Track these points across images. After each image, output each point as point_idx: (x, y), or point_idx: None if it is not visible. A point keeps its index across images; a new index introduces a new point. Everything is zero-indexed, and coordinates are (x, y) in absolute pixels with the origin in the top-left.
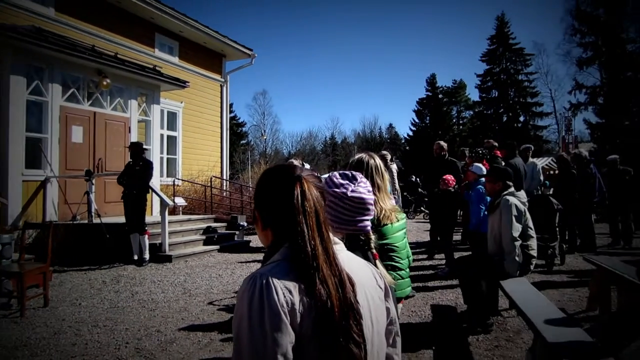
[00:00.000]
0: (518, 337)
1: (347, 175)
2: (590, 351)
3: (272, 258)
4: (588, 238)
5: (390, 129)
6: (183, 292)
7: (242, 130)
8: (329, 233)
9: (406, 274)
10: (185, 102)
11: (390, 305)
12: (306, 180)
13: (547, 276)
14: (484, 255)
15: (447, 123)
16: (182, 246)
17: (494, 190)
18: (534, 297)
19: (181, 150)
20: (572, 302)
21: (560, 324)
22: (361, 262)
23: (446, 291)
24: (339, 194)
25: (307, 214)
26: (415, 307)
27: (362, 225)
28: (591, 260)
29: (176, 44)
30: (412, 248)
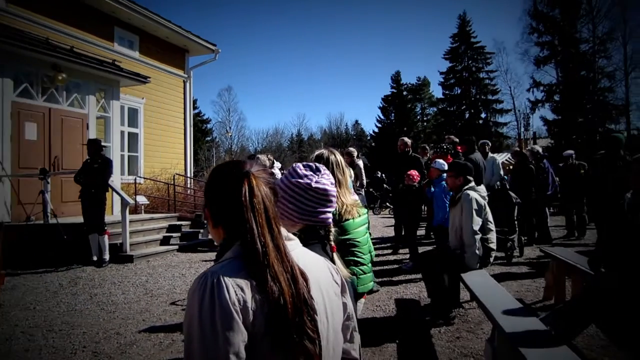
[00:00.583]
0: (479, 328)
1: (311, 166)
2: (544, 339)
3: (225, 256)
4: (543, 230)
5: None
6: (144, 292)
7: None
8: (279, 229)
9: (368, 268)
10: (146, 98)
11: (347, 301)
12: (255, 176)
13: (507, 268)
14: (445, 249)
15: (411, 119)
16: (144, 246)
17: (455, 185)
18: (493, 289)
19: (143, 148)
20: (530, 293)
21: (517, 314)
22: (317, 258)
23: (410, 285)
24: (303, 185)
25: (256, 211)
26: (379, 302)
27: (324, 217)
28: (547, 252)
29: (136, 38)
30: (377, 243)
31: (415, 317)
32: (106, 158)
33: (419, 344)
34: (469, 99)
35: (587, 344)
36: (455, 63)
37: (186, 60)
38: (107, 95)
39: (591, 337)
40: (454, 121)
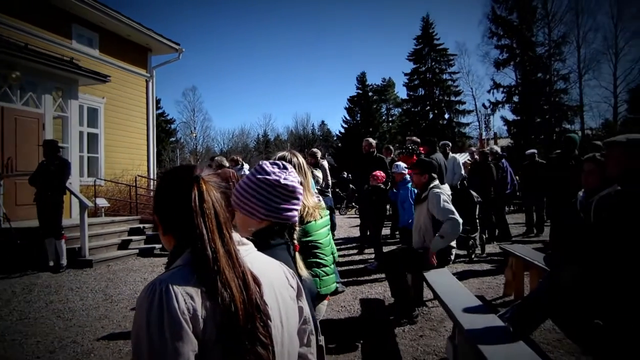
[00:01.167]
0: (441, 326)
1: (278, 164)
2: (501, 336)
3: (174, 263)
4: (502, 228)
5: (322, 126)
6: (104, 298)
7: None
8: (231, 234)
9: (331, 270)
10: (107, 97)
11: (304, 304)
12: (205, 180)
13: (469, 266)
14: (409, 248)
15: (377, 120)
16: (104, 250)
17: (420, 182)
18: (454, 287)
19: (103, 149)
20: (491, 289)
21: (476, 312)
22: (271, 262)
23: (375, 285)
24: (272, 181)
25: (206, 216)
26: (344, 302)
27: (291, 214)
28: (506, 249)
29: (96, 36)
30: (343, 243)
31: (379, 316)
32: (63, 159)
33: (383, 343)
34: (432, 99)
35: (544, 338)
36: (419, 64)
37: (149, 59)
38: (64, 94)
39: (548, 331)
40: (418, 122)
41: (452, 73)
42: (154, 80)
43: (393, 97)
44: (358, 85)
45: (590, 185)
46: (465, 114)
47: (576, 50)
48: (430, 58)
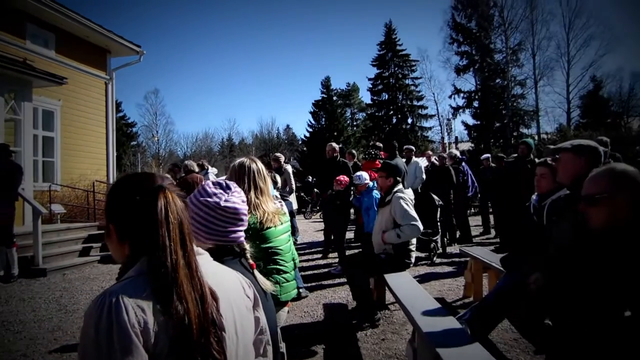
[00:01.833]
0: (403, 329)
1: (221, 184)
2: (459, 338)
3: (127, 274)
4: (463, 230)
5: (287, 130)
6: (58, 308)
7: (132, 130)
8: (192, 245)
9: (291, 276)
10: (64, 99)
11: (260, 315)
12: (170, 190)
13: (431, 268)
14: (370, 252)
15: (341, 124)
16: (60, 258)
17: (385, 185)
18: (414, 290)
19: (60, 153)
20: (452, 291)
21: (435, 314)
22: (228, 273)
23: (339, 289)
24: (212, 204)
25: (171, 226)
26: (307, 307)
27: (235, 236)
28: (465, 251)
29: (52, 36)
30: (307, 248)
31: (342, 321)
32: (15, 164)
33: (345, 348)
34: (396, 104)
35: (501, 338)
36: (383, 70)
37: (108, 61)
38: (17, 96)
39: (505, 331)
40: (382, 126)
41: (414, 78)
42: (113, 82)
43: (357, 102)
44: (323, 90)
45: (543, 189)
46: (428, 119)
47: (531, 57)
48: (393, 63)
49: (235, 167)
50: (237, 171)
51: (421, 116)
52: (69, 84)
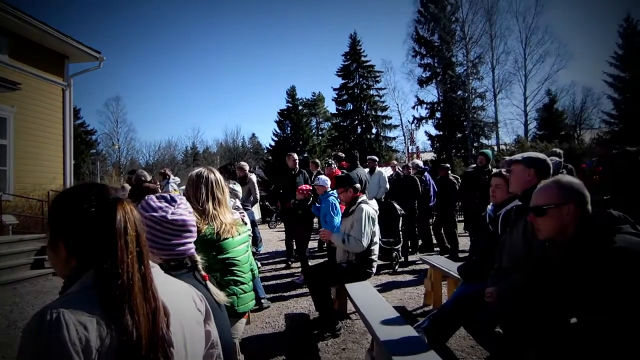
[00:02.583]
0: (364, 338)
1: (166, 197)
2: (416, 346)
3: (72, 288)
4: (426, 240)
5: (253, 139)
6: (7, 325)
7: (92, 138)
8: (149, 259)
9: (249, 287)
10: (18, 106)
11: (211, 328)
12: (127, 201)
13: (392, 277)
14: (332, 262)
15: (307, 134)
16: (10, 271)
17: (348, 198)
18: (374, 300)
19: (13, 161)
20: (412, 300)
21: (393, 323)
22: (179, 286)
23: (301, 299)
24: (158, 218)
25: (129, 238)
26: (269, 318)
27: (184, 248)
28: (425, 260)
29: (5, 40)
30: (271, 257)
31: (303, 331)
32: None
33: (306, 358)
34: (360, 114)
35: (458, 345)
36: (348, 80)
37: (66, 67)
38: None
39: (462, 338)
40: (347, 135)
41: (379, 89)
42: (71, 89)
43: (323, 111)
44: (288, 99)
45: (498, 200)
46: (392, 129)
47: (491, 70)
48: (358, 74)
49: (193, 177)
50: (195, 181)
51: (385, 126)
52: (23, 89)
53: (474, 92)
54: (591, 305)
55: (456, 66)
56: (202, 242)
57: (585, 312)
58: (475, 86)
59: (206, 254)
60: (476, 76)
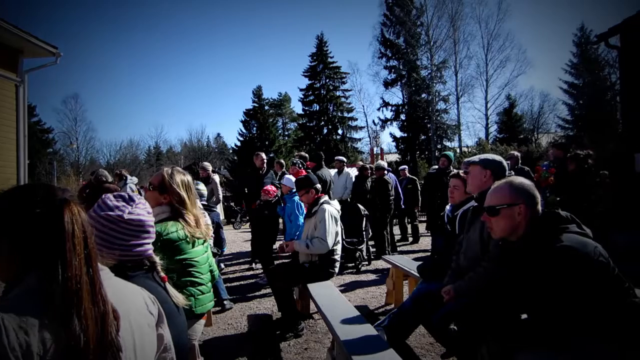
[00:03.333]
0: (326, 338)
1: (123, 196)
2: (375, 344)
3: (13, 292)
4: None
5: (218, 139)
6: None
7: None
8: (97, 261)
9: (207, 288)
10: None
11: (164, 332)
12: (75, 202)
13: (356, 276)
14: (295, 262)
15: (273, 134)
16: None
17: (310, 199)
18: (335, 299)
19: None
20: (375, 299)
21: (354, 322)
22: (131, 289)
23: (264, 300)
24: (114, 218)
25: (77, 241)
26: (231, 320)
27: (142, 249)
28: (386, 259)
29: None
30: (235, 258)
31: (266, 332)
32: None
33: (268, 359)
34: (327, 115)
35: (418, 343)
36: (314, 81)
37: (20, 63)
38: None
39: (422, 335)
40: (313, 136)
41: (345, 90)
42: (26, 85)
43: (289, 112)
44: (254, 99)
45: (456, 200)
46: (358, 130)
47: (454, 74)
48: (324, 75)
49: (160, 177)
50: (161, 182)
51: (351, 127)
52: None
53: (438, 95)
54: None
55: (421, 69)
56: (160, 243)
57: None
58: (439, 89)
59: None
60: (440, 80)
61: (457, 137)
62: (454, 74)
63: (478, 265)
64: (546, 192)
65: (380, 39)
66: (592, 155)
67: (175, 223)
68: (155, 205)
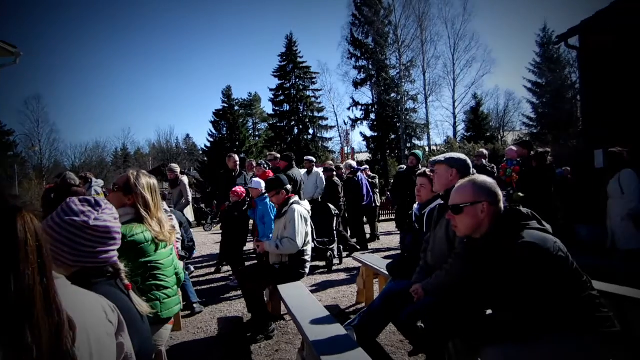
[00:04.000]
0: (297, 339)
1: (90, 201)
2: (344, 344)
3: None
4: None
5: (187, 140)
6: None
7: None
8: (52, 270)
9: (173, 292)
10: None
11: (125, 340)
12: (28, 210)
13: (328, 276)
14: (265, 263)
15: (243, 134)
16: None
17: (280, 200)
18: (306, 300)
19: None
20: (346, 298)
21: (323, 323)
22: (88, 297)
23: (235, 302)
24: (79, 224)
25: (30, 249)
26: (201, 323)
27: (107, 256)
28: (357, 258)
29: None
30: (206, 260)
31: (236, 334)
32: None
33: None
34: (297, 115)
35: (388, 341)
36: (284, 81)
37: None
38: None
39: (392, 333)
40: (284, 136)
41: (315, 90)
42: None
43: (259, 112)
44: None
45: (423, 198)
46: (328, 130)
47: (422, 74)
48: (294, 75)
49: (126, 178)
50: (124, 185)
51: (322, 127)
52: None
53: (407, 94)
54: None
55: (390, 69)
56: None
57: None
58: (408, 89)
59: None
60: (408, 79)
61: (426, 136)
62: (422, 74)
63: (445, 263)
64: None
65: (350, 39)
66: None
67: (140, 225)
68: (119, 207)
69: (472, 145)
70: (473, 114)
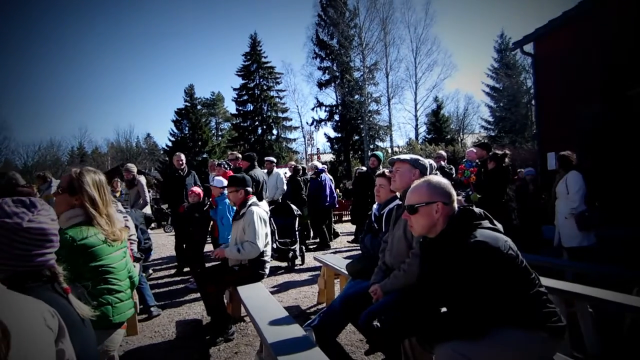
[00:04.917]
0: (257, 341)
1: (24, 202)
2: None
3: None
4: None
5: (148, 139)
6: None
7: None
8: None
9: (126, 295)
10: None
11: (66, 347)
12: None
13: (290, 276)
14: (224, 265)
15: (206, 134)
16: None
17: (238, 199)
18: (265, 301)
19: None
20: (307, 299)
21: (282, 324)
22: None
23: (194, 304)
24: (11, 226)
25: None
26: (159, 327)
27: (43, 259)
28: (318, 258)
29: None
30: (165, 263)
31: (195, 337)
32: None
33: None
34: (261, 115)
35: (348, 340)
36: (248, 80)
37: None
38: None
39: (352, 333)
40: (247, 136)
41: (279, 90)
42: None
43: (222, 112)
44: (186, 98)
45: (382, 198)
46: (292, 130)
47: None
48: (258, 75)
49: (69, 177)
50: (69, 183)
51: (286, 128)
52: None
53: (370, 96)
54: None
55: (354, 71)
56: (69, 249)
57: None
58: (371, 91)
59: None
60: (372, 81)
61: (388, 138)
62: (385, 76)
63: (402, 263)
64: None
65: (315, 40)
66: (508, 155)
67: (91, 227)
68: (68, 209)
69: (433, 147)
70: (434, 117)
